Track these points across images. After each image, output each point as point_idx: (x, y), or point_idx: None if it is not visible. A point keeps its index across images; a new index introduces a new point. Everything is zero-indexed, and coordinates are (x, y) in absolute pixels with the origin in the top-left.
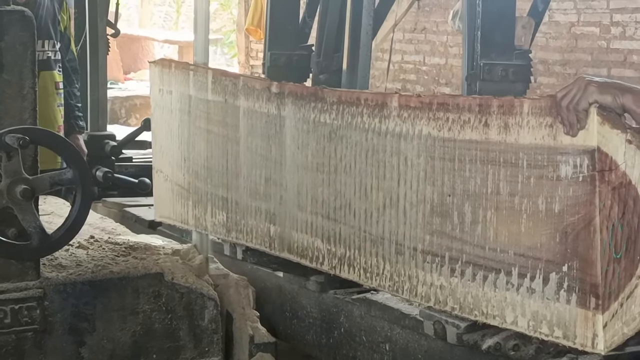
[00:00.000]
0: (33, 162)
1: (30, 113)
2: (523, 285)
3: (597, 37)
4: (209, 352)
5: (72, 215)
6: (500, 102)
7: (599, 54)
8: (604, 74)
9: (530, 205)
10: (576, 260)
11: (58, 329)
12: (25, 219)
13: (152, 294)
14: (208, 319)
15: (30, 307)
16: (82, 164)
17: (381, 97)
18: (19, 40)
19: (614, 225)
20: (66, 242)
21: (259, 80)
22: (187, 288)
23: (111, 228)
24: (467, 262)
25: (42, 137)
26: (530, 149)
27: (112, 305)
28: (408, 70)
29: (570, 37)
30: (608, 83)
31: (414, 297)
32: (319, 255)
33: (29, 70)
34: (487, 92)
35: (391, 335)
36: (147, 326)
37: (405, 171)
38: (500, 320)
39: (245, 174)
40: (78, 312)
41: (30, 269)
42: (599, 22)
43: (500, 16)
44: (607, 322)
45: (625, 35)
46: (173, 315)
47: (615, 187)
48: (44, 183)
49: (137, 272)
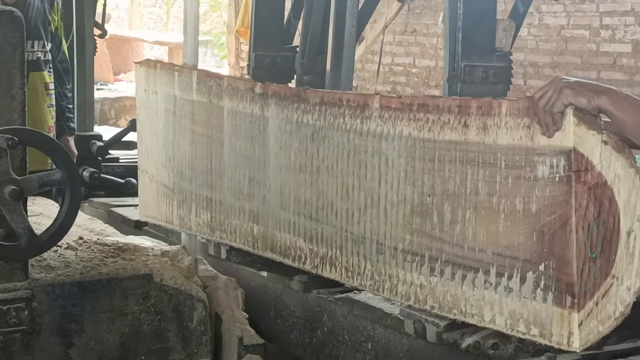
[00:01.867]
0: (22, 162)
1: (19, 114)
2: (501, 284)
3: (587, 40)
4: (198, 354)
5: (60, 216)
6: (479, 103)
7: (589, 56)
8: (593, 76)
9: (508, 205)
10: (552, 260)
11: (46, 330)
12: (14, 219)
13: (141, 295)
14: (197, 320)
15: (19, 308)
16: (71, 164)
17: (363, 98)
18: (8, 41)
19: (589, 225)
20: (55, 243)
21: (243, 81)
22: (176, 289)
23: (100, 229)
24: (446, 262)
25: (31, 138)
26: (508, 149)
27: (100, 306)
28: (398, 72)
29: (560, 40)
30: (583, 85)
31: (395, 296)
32: (301, 255)
33: (18, 71)
34: (467, 93)
35: (373, 334)
36: (136, 327)
37: (386, 171)
38: (478, 318)
39: (229, 174)
40: (66, 313)
41: (18, 270)
42: (589, 25)
43: (481, 18)
44: (583, 320)
45: (614, 38)
46: (162, 317)
47: (591, 188)
48: (33, 184)
49: (125, 274)
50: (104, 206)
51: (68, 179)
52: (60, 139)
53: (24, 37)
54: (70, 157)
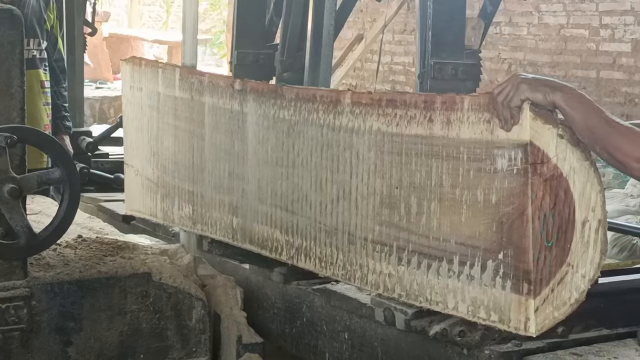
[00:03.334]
0: (21, 161)
1: (19, 112)
2: (463, 273)
3: (586, 40)
4: (197, 352)
5: (59, 215)
6: (443, 98)
7: (588, 56)
8: (592, 76)
9: (469, 197)
10: (511, 248)
11: (45, 329)
12: (13, 218)
13: (140, 293)
14: (196, 319)
15: (18, 307)
16: (69, 163)
17: (335, 94)
18: (7, 39)
19: (545, 215)
20: (54, 241)
21: (223, 77)
22: (175, 288)
23: (99, 228)
24: (413, 251)
25: (30, 136)
26: (470, 143)
27: (99, 305)
28: (397, 71)
29: (559, 39)
30: (540, 81)
31: (365, 285)
32: (277, 246)
33: (17, 69)
34: (437, 89)
35: (350, 324)
36: (135, 326)
37: (357, 165)
38: (442, 306)
39: (210, 168)
40: (65, 311)
41: (17, 269)
42: (588, 24)
43: (451, 17)
44: (539, 306)
45: (614, 38)
46: (161, 315)
47: (547, 179)
48: (32, 182)
49: (124, 272)
50: (93, 201)
51: (67, 178)
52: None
53: (23, 35)
54: (69, 156)
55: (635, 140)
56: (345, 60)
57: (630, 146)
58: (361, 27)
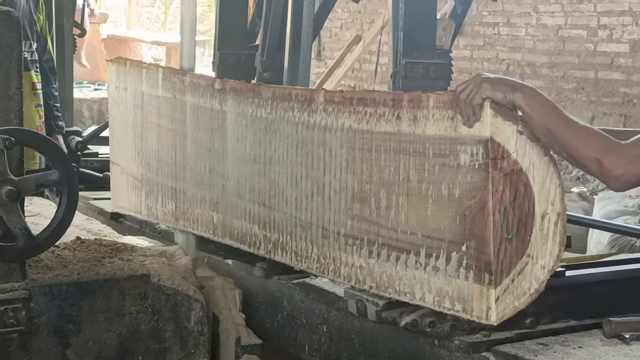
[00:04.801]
0: (19, 163)
1: (16, 114)
2: (429, 264)
3: (585, 40)
4: (195, 354)
5: (58, 217)
6: (410, 97)
7: (586, 56)
8: (591, 76)
9: (435, 191)
10: (473, 241)
11: (44, 331)
12: (11, 220)
13: (139, 295)
14: (194, 320)
15: (16, 309)
16: (68, 165)
17: (309, 92)
18: (5, 41)
19: (505, 208)
20: (52, 243)
21: (204, 77)
22: (174, 290)
23: (97, 229)
24: (382, 244)
25: (28, 138)
26: (435, 139)
27: (98, 306)
28: None
29: (557, 40)
30: (501, 81)
31: (338, 278)
32: (256, 241)
33: (15, 71)
34: (409, 88)
35: (328, 317)
36: (133, 328)
37: (330, 161)
38: (410, 296)
39: (191, 166)
40: (64, 313)
41: (15, 271)
42: (586, 25)
43: (422, 18)
44: (499, 296)
45: (612, 38)
46: (159, 317)
47: (507, 174)
48: (30, 184)
49: (123, 274)
50: (82, 199)
51: (65, 180)
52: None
53: (21, 37)
54: (67, 158)
55: (592, 140)
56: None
57: (587, 147)
58: (359, 28)
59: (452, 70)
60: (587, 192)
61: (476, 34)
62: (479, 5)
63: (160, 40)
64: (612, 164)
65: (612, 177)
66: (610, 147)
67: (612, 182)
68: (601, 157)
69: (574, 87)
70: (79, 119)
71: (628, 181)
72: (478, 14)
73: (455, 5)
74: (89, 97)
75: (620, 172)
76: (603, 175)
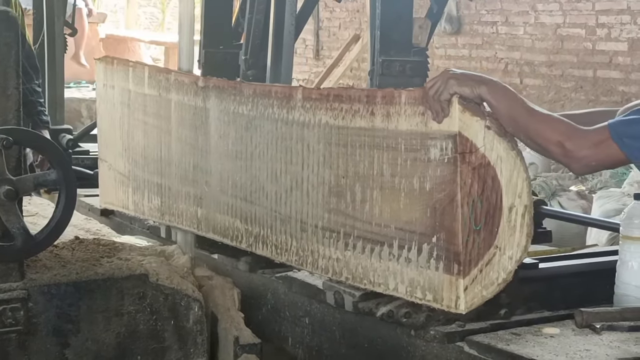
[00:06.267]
0: (17, 162)
1: (15, 114)
2: (402, 256)
3: (583, 39)
4: (194, 354)
5: (56, 216)
6: (383, 93)
7: (585, 55)
8: (589, 75)
9: (407, 185)
10: (443, 232)
11: (42, 331)
12: (9, 219)
13: (137, 295)
14: (193, 320)
15: (14, 309)
16: (66, 165)
17: (288, 90)
18: (3, 41)
19: (474, 200)
20: (50, 243)
21: (188, 75)
22: (172, 289)
23: (96, 229)
24: (358, 237)
25: (27, 138)
26: (407, 134)
27: (96, 306)
28: None
29: (556, 39)
30: (468, 76)
31: (316, 270)
32: (238, 235)
33: (13, 71)
34: (386, 85)
35: (310, 309)
36: (132, 327)
37: (308, 156)
38: (384, 287)
39: (176, 162)
40: (62, 313)
41: (14, 270)
42: (585, 23)
43: (398, 17)
44: (468, 286)
45: (610, 37)
46: (158, 317)
47: (475, 168)
48: (28, 184)
49: (121, 273)
50: None
51: (63, 179)
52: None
53: (18, 37)
54: (65, 157)
55: (554, 125)
56: (342, 60)
57: (550, 131)
58: (358, 27)
59: (428, 68)
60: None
61: (475, 32)
62: (477, 4)
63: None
64: (574, 147)
65: (575, 159)
66: (572, 131)
67: (574, 164)
68: (564, 141)
69: (573, 86)
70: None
71: (588, 164)
72: (476, 12)
73: (432, 4)
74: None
75: (583, 154)
76: (566, 156)
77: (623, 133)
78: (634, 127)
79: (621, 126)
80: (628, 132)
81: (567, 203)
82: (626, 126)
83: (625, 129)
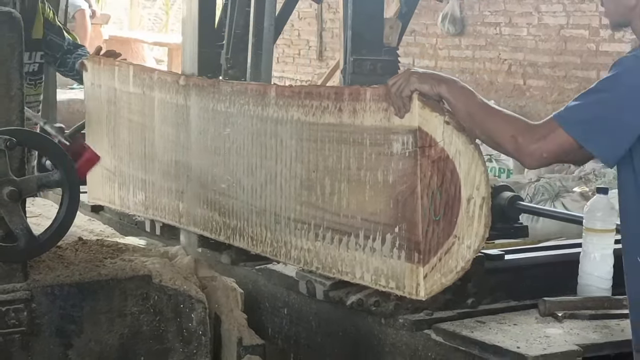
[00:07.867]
0: (20, 163)
1: (18, 115)
2: (367, 246)
3: (587, 40)
4: (197, 355)
5: (59, 217)
6: (350, 90)
7: (588, 56)
8: (593, 76)
9: (372, 178)
10: (404, 223)
11: (45, 331)
12: (13, 220)
13: (140, 296)
14: (196, 321)
15: (18, 309)
16: (69, 165)
17: (263, 87)
18: (6, 42)
19: (433, 192)
20: (54, 244)
21: (170, 74)
22: (175, 290)
23: (99, 230)
24: (327, 228)
25: (30, 139)
26: (372, 129)
27: (100, 307)
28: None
29: (559, 40)
30: (429, 74)
31: (289, 261)
32: (217, 227)
33: (16, 72)
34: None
35: (288, 300)
36: (135, 328)
37: (282, 151)
38: (351, 276)
39: (159, 158)
40: (66, 314)
41: (17, 271)
42: (588, 24)
43: (369, 17)
44: (428, 273)
45: (614, 38)
46: (161, 318)
47: (435, 161)
48: (31, 185)
49: (125, 274)
50: None
51: (67, 180)
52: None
53: (22, 38)
54: (68, 158)
55: (509, 121)
56: None
57: (503, 127)
58: None
59: (398, 67)
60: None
61: (478, 34)
62: (480, 5)
63: (162, 41)
64: (525, 141)
65: (527, 154)
66: (523, 127)
67: (527, 158)
68: (516, 135)
69: (576, 87)
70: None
71: (540, 157)
72: (480, 14)
73: (401, 6)
74: None
75: (533, 147)
76: (518, 151)
77: (569, 119)
78: (578, 111)
79: (566, 113)
80: (574, 117)
81: (570, 204)
82: (571, 112)
83: (571, 114)
